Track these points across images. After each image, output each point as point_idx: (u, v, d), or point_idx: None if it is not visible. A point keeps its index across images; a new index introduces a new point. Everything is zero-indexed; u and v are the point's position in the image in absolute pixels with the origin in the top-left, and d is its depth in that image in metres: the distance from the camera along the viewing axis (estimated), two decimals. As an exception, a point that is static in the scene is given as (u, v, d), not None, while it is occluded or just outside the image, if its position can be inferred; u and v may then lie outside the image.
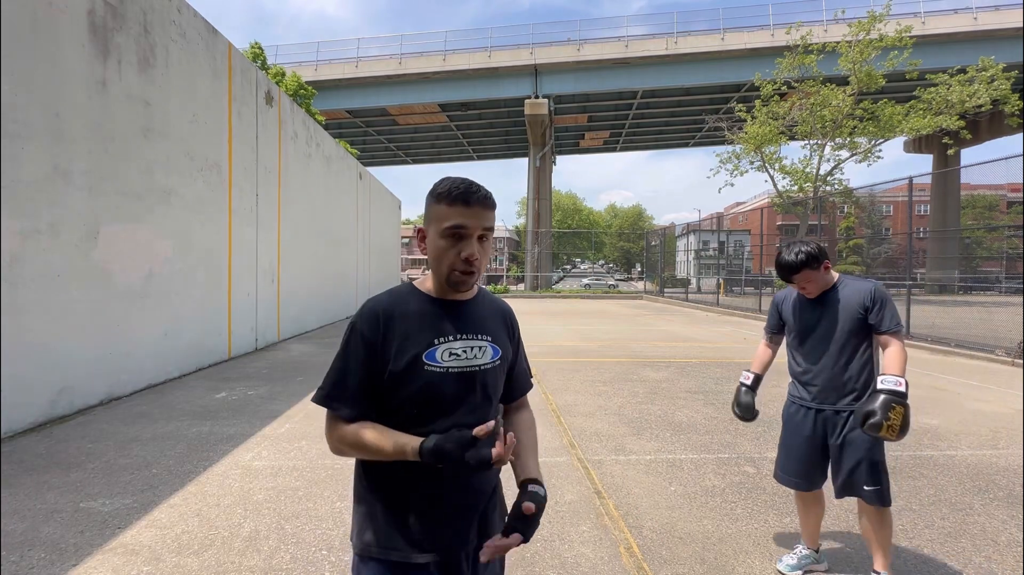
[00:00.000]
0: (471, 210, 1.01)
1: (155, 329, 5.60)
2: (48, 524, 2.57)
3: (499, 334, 1.16)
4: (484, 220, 1.03)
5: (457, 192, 1.00)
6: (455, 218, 1.00)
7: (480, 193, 1.02)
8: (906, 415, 1.85)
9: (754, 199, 50.20)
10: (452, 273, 1.03)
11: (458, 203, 1.00)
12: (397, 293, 1.11)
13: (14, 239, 3.94)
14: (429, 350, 1.03)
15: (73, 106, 4.48)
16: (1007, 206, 30.29)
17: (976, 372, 7.09)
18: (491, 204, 1.04)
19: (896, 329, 2.01)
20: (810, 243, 2.09)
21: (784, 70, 18.71)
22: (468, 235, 1.02)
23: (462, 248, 1.02)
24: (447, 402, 1.04)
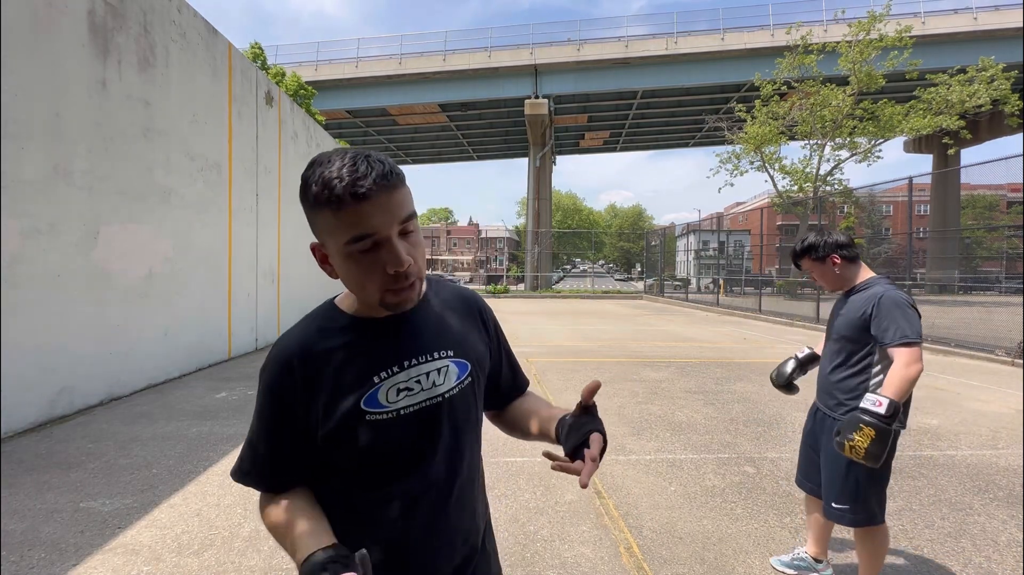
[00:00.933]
0: (372, 204, 0.67)
1: (155, 329, 5.60)
2: (48, 524, 2.57)
3: (464, 340, 0.88)
4: (397, 208, 0.70)
5: (340, 187, 0.66)
6: (354, 225, 0.68)
7: (373, 173, 0.67)
8: (877, 438, 1.64)
9: (754, 199, 50.21)
10: (385, 296, 0.74)
11: (348, 202, 0.67)
12: (313, 322, 0.82)
13: (14, 239, 3.94)
14: (368, 393, 0.77)
15: (73, 106, 4.48)
16: (1007, 206, 30.27)
17: (976, 372, 7.09)
18: (395, 180, 0.70)
19: (899, 342, 1.77)
20: (830, 234, 2.00)
21: (784, 70, 18.71)
22: (384, 240, 0.70)
23: (385, 261, 0.70)
24: (406, 454, 0.80)
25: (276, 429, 0.78)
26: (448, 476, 0.83)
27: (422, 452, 0.81)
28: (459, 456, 0.85)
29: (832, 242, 1.97)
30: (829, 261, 1.98)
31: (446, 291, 0.93)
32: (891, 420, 1.66)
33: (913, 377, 1.73)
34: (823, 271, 2.01)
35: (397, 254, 0.70)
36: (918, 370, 1.74)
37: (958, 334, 9.41)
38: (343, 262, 0.72)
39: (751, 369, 6.92)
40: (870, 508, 1.90)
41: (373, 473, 0.79)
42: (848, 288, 2.01)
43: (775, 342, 9.83)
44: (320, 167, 0.69)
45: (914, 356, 1.75)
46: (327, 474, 0.81)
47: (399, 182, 0.71)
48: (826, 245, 1.97)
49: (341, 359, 0.78)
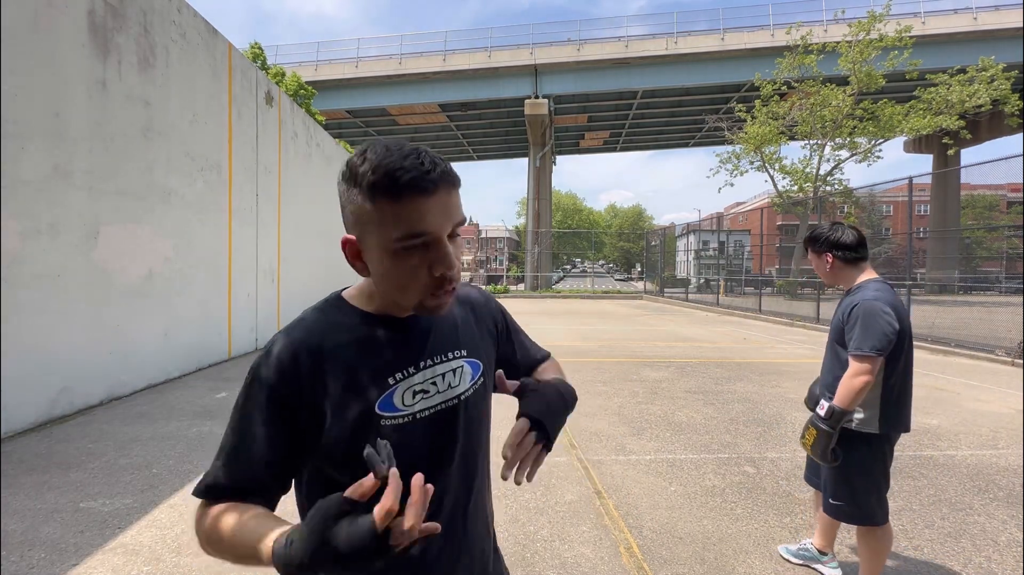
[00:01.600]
0: (434, 201, 0.64)
1: (155, 329, 5.60)
2: (48, 524, 2.57)
3: (476, 338, 0.85)
4: (454, 210, 0.67)
5: (405, 176, 0.62)
6: (412, 222, 0.64)
7: (439, 168, 0.65)
8: (819, 438, 1.83)
9: (754, 199, 50.22)
10: (426, 299, 0.69)
11: (410, 193, 0.63)
12: (321, 316, 0.75)
13: (14, 239, 3.94)
14: (383, 396, 0.71)
15: (73, 106, 4.48)
16: (1007, 206, 30.28)
17: (976, 372, 7.09)
18: (456, 180, 0.68)
19: (853, 352, 1.83)
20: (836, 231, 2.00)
21: (784, 70, 18.71)
22: (436, 241, 0.66)
23: (433, 262, 0.66)
24: (423, 461, 0.73)
25: (273, 433, 0.68)
26: (465, 482, 0.79)
27: (440, 458, 0.76)
28: (474, 460, 0.81)
29: (832, 240, 1.98)
30: (824, 257, 2.01)
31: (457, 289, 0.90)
32: (830, 423, 1.82)
33: (858, 387, 1.80)
34: (818, 265, 2.05)
35: (448, 255, 0.66)
36: (864, 382, 1.79)
37: (958, 334, 9.41)
38: (387, 258, 0.66)
39: (751, 369, 6.92)
40: (867, 507, 1.93)
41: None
42: (846, 288, 2.03)
43: (775, 342, 9.83)
44: (378, 155, 0.63)
45: (862, 368, 1.80)
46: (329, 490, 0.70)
47: (458, 183, 0.68)
48: (825, 242, 1.99)
49: (353, 358, 0.71)
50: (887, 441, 1.93)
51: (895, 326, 1.81)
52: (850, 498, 1.94)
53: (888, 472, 1.97)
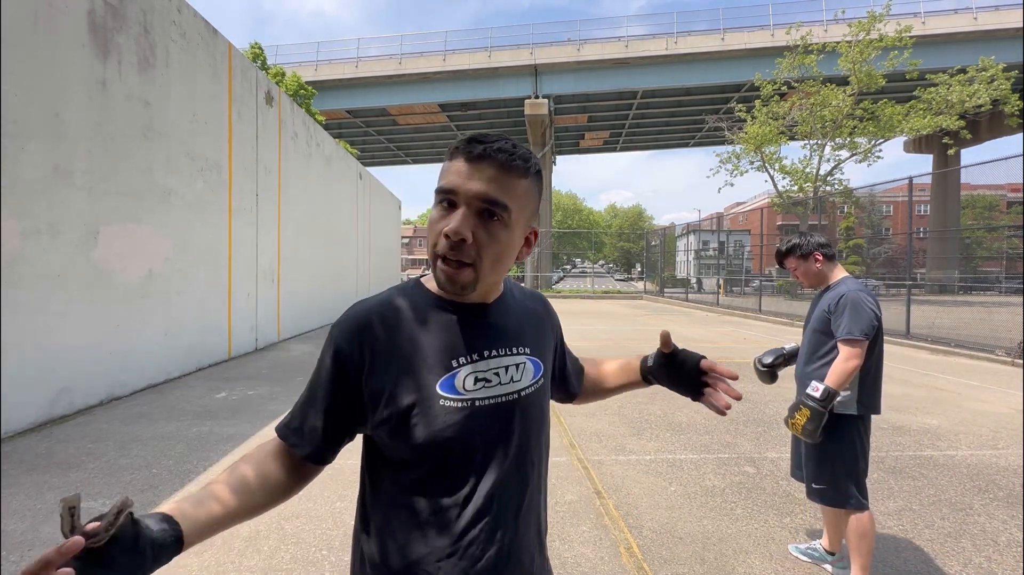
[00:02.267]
0: (472, 166, 0.68)
1: (155, 329, 5.60)
2: (48, 524, 2.56)
3: (540, 341, 0.86)
4: (491, 186, 0.68)
5: (462, 141, 0.70)
6: (447, 177, 0.69)
7: (493, 145, 0.68)
8: (812, 417, 1.93)
9: (754, 199, 50.21)
10: (435, 263, 0.71)
11: (458, 156, 0.69)
12: (398, 293, 0.79)
13: (14, 239, 3.94)
14: (445, 377, 0.72)
15: (73, 106, 4.48)
16: (1007, 206, 30.28)
17: (976, 372, 7.09)
18: (510, 163, 0.68)
19: (844, 337, 1.98)
20: (811, 235, 2.19)
21: (784, 70, 18.71)
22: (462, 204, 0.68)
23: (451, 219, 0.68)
24: (476, 449, 0.73)
25: (336, 393, 0.73)
26: (519, 482, 0.77)
27: (494, 450, 0.74)
28: (529, 462, 0.79)
29: (815, 242, 2.17)
30: (812, 258, 2.17)
31: (520, 291, 0.92)
32: (824, 403, 1.93)
33: (850, 370, 1.95)
34: (807, 268, 2.19)
35: (456, 217, 0.68)
36: (855, 364, 1.96)
37: (958, 334, 9.41)
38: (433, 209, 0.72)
39: (751, 369, 6.91)
40: (847, 490, 2.03)
41: (437, 467, 0.72)
42: (825, 285, 2.20)
43: (775, 342, 9.83)
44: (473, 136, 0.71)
45: (853, 352, 1.97)
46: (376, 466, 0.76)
47: (516, 170, 0.69)
48: (809, 244, 2.17)
49: (421, 335, 0.74)
50: (863, 422, 2.07)
51: (878, 313, 2.01)
52: (831, 480, 2.05)
53: (867, 453, 2.09)
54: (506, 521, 0.75)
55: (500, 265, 0.73)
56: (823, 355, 2.10)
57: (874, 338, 2.02)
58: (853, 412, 2.03)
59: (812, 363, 2.14)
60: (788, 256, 2.22)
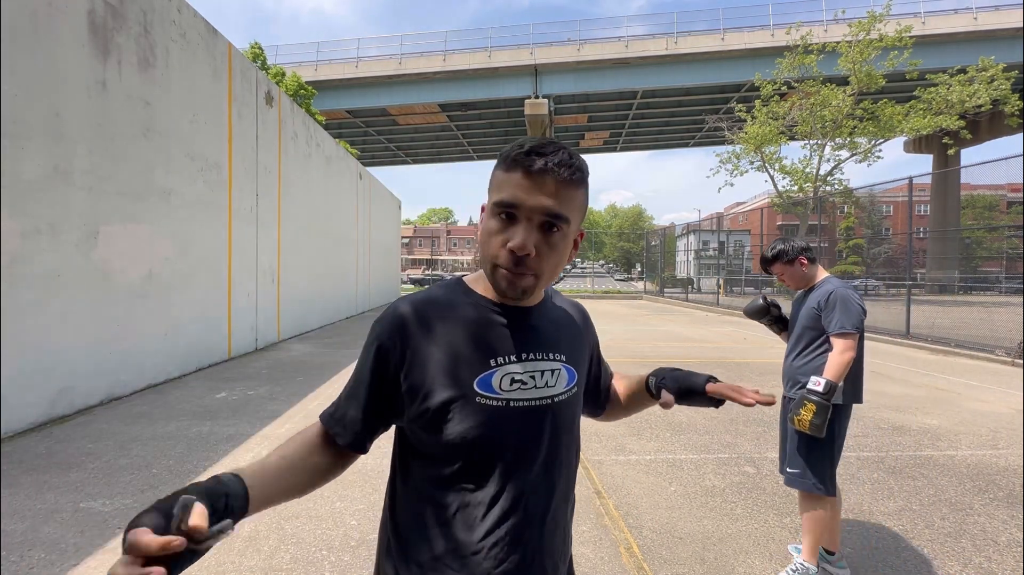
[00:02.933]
0: (533, 181, 0.68)
1: (155, 329, 5.60)
2: (48, 524, 2.57)
3: (576, 349, 0.87)
4: (553, 200, 0.69)
5: (519, 153, 0.69)
6: (507, 190, 0.70)
7: (554, 158, 0.69)
8: (819, 411, 1.99)
9: (754, 199, 50.21)
10: (494, 270, 0.72)
11: (517, 168, 0.69)
12: (440, 291, 0.81)
13: (14, 239, 3.94)
14: (483, 374, 0.74)
15: (73, 106, 4.48)
16: (1007, 206, 30.27)
17: (976, 372, 7.09)
18: (571, 178, 0.70)
19: (838, 331, 2.08)
20: (793, 241, 2.28)
21: (784, 70, 18.71)
22: (523, 218, 0.70)
23: (510, 235, 0.70)
24: (507, 450, 0.74)
25: (377, 385, 0.76)
26: (546, 488, 0.78)
27: (524, 452, 0.76)
28: (558, 468, 0.80)
29: (798, 247, 2.26)
30: (798, 263, 2.26)
31: (560, 298, 0.93)
32: (828, 396, 2.00)
33: (847, 362, 2.05)
34: (793, 272, 2.28)
35: (520, 233, 0.69)
36: (851, 356, 2.06)
37: (958, 334, 9.41)
38: (486, 219, 0.73)
39: (751, 369, 6.92)
40: (821, 474, 2.13)
41: (469, 465, 0.73)
42: (809, 286, 2.30)
43: (775, 342, 9.83)
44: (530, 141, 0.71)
45: (848, 344, 2.07)
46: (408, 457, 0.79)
47: (575, 182, 0.71)
48: (794, 249, 2.26)
49: (462, 333, 0.76)
50: (844, 411, 2.18)
51: (864, 308, 2.13)
52: (806, 465, 2.14)
53: (842, 441, 2.20)
54: (532, 525, 0.76)
55: (557, 272, 0.76)
56: (813, 350, 2.20)
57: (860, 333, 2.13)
58: (839, 401, 2.12)
59: (802, 358, 2.24)
60: (774, 263, 2.31)
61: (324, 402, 4.95)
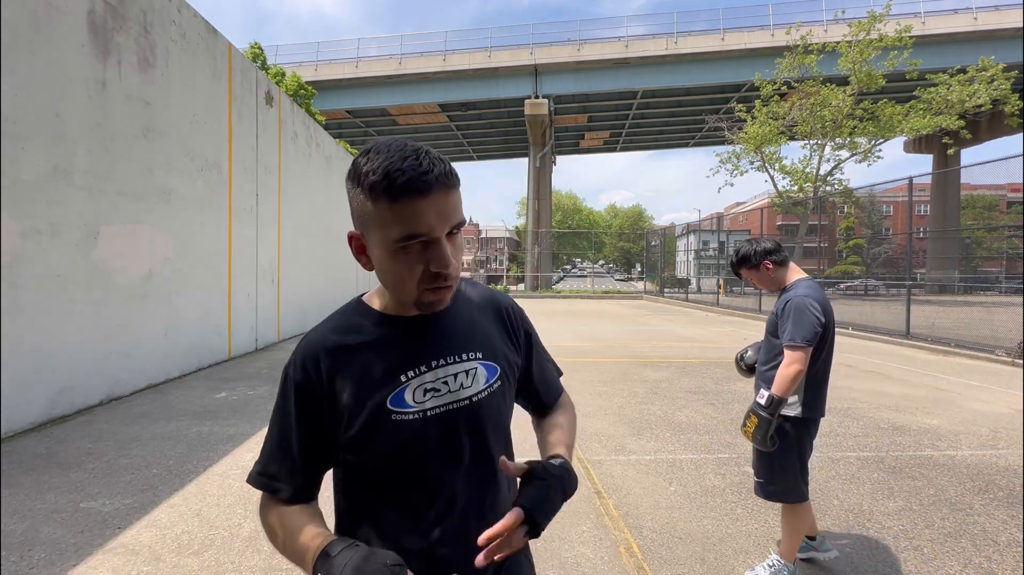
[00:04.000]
0: (430, 202, 0.65)
1: (155, 329, 5.60)
2: (48, 524, 2.57)
3: (493, 342, 0.84)
4: (452, 211, 0.67)
5: (401, 178, 0.63)
6: (409, 223, 0.65)
7: (436, 169, 0.65)
8: (760, 425, 1.97)
9: (754, 199, 50.21)
10: (423, 295, 0.71)
11: (407, 195, 0.63)
12: (341, 318, 0.80)
13: (14, 239, 3.94)
14: (395, 392, 0.74)
15: (73, 106, 4.48)
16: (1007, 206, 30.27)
17: (976, 372, 7.09)
18: (454, 181, 0.68)
19: (787, 343, 2.01)
20: (758, 243, 2.22)
21: (784, 70, 18.73)
22: (434, 241, 0.67)
23: (431, 260, 0.68)
24: (432, 457, 0.76)
25: (305, 427, 0.76)
26: (479, 484, 0.80)
27: (449, 456, 0.77)
28: (488, 464, 0.81)
29: (762, 250, 2.20)
30: (763, 267, 2.20)
31: (476, 292, 0.89)
32: (770, 410, 1.97)
33: (793, 375, 1.98)
34: (760, 277, 2.23)
35: (444, 255, 0.68)
36: (797, 370, 1.98)
37: (958, 334, 9.41)
38: (386, 256, 0.69)
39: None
40: (785, 486, 2.12)
41: (398, 477, 0.76)
42: (782, 288, 2.23)
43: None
44: (380, 156, 0.65)
45: (795, 358, 1.99)
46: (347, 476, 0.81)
47: (456, 183, 0.69)
48: (757, 254, 2.20)
49: (368, 355, 0.76)
50: (808, 424, 2.12)
51: (821, 320, 2.02)
52: (769, 478, 2.14)
53: (805, 455, 2.13)
54: (468, 520, 0.78)
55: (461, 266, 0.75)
56: (774, 358, 2.15)
57: (821, 343, 2.05)
58: (798, 414, 2.09)
59: (765, 365, 2.21)
60: (740, 268, 2.26)
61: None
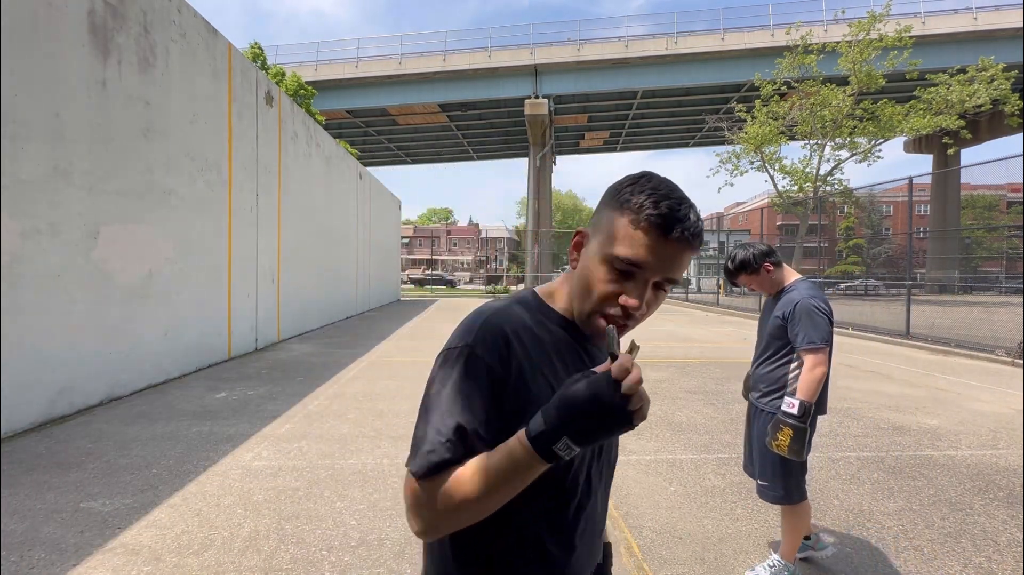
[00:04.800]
0: (667, 246, 0.66)
1: (155, 329, 5.60)
2: (48, 524, 2.57)
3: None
4: (678, 267, 0.68)
5: (657, 214, 0.65)
6: (637, 250, 0.66)
7: (689, 225, 0.66)
8: (796, 435, 1.91)
9: (754, 199, 50.20)
10: (593, 316, 0.71)
11: (653, 231, 0.66)
12: (524, 307, 0.76)
13: (14, 239, 3.94)
14: None
15: (73, 106, 4.48)
16: (1007, 206, 30.28)
17: (976, 372, 7.09)
18: (698, 242, 0.68)
19: (807, 346, 1.98)
20: (753, 247, 2.20)
21: (784, 70, 18.72)
22: (642, 278, 0.68)
23: (628, 290, 0.68)
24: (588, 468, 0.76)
25: (493, 412, 0.67)
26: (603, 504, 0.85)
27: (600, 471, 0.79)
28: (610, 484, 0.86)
29: (760, 253, 2.19)
30: (763, 270, 2.19)
31: None
32: (804, 419, 1.93)
33: (819, 378, 1.96)
34: (760, 280, 2.22)
35: (641, 292, 0.68)
36: (822, 372, 1.97)
37: (958, 334, 9.41)
38: (598, 263, 0.70)
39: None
40: (787, 489, 2.12)
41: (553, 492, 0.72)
42: (778, 290, 2.22)
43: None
44: (660, 190, 0.67)
45: (818, 360, 1.98)
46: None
47: (699, 245, 0.69)
48: (756, 257, 2.19)
49: (555, 354, 0.73)
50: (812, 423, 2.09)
51: (832, 318, 2.05)
52: (773, 479, 2.13)
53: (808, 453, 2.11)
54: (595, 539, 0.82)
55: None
56: (777, 359, 2.15)
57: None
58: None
59: (766, 366, 2.20)
60: (739, 275, 2.22)
61: (324, 402, 4.96)
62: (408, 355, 7.78)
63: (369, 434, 4.04)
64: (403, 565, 2.28)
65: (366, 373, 6.35)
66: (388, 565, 2.28)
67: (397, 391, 5.44)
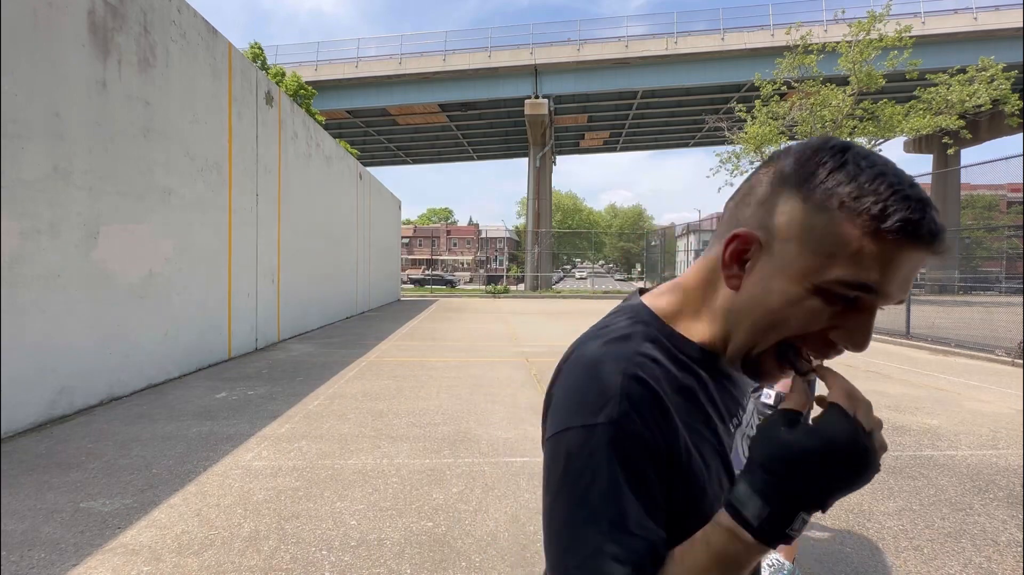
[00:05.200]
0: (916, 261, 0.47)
1: (155, 329, 5.60)
2: (48, 524, 2.57)
3: None
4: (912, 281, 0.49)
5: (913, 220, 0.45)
6: (875, 271, 0.46)
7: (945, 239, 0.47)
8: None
9: (754, 199, 50.16)
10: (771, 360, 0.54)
11: (907, 243, 0.46)
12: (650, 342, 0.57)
13: (14, 239, 3.94)
14: (733, 448, 0.60)
15: (73, 106, 4.48)
16: (1007, 206, 30.29)
17: (976, 372, 7.09)
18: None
19: None
20: None
21: (784, 70, 18.71)
22: (873, 307, 0.49)
23: (851, 329, 0.50)
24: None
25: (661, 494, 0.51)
26: None
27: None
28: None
29: None
30: None
31: None
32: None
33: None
34: None
35: (868, 330, 0.49)
36: None
37: (958, 334, 9.40)
38: (791, 288, 0.49)
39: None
40: None
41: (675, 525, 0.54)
42: None
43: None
44: (904, 180, 0.48)
45: None
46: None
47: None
48: None
49: (707, 400, 0.58)
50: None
51: None
52: None
53: None
54: None
55: None
56: None
57: None
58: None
59: None
60: None
61: (324, 402, 4.96)
62: (408, 355, 7.78)
63: (369, 434, 4.04)
64: (403, 565, 2.28)
65: (366, 373, 6.35)
66: (388, 565, 2.28)
67: (397, 391, 5.44)
